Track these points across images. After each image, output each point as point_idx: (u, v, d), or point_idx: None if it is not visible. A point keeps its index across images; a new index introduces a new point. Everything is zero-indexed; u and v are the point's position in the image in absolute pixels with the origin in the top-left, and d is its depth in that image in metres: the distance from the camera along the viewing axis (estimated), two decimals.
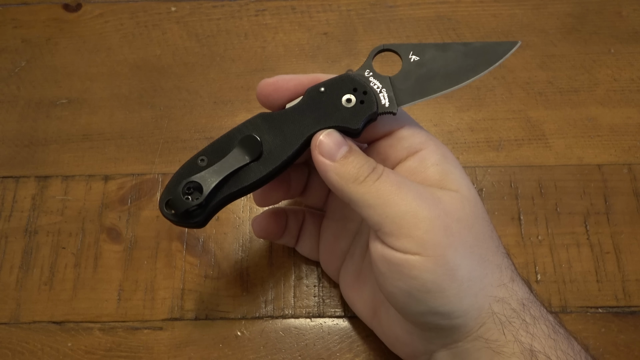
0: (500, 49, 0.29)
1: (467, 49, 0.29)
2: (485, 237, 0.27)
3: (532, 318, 0.26)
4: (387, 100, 0.28)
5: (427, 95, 0.28)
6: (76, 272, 0.38)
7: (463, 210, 0.27)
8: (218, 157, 0.28)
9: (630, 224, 0.39)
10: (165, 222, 0.39)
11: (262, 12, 0.48)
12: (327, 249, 0.35)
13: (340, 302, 0.37)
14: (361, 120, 0.27)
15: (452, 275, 0.25)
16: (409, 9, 0.47)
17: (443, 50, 0.29)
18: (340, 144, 0.27)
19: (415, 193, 0.26)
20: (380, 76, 0.28)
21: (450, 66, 0.29)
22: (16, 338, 0.36)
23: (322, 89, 0.28)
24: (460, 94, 0.44)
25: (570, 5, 0.47)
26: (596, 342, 0.36)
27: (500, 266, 0.27)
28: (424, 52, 0.29)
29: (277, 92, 0.29)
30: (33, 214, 0.40)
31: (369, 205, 0.26)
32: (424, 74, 0.29)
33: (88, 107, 0.44)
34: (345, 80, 0.28)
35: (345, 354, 0.36)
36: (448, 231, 0.25)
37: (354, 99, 0.28)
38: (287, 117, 0.28)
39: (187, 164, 0.28)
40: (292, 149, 0.28)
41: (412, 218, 0.25)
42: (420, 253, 0.25)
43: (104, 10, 0.48)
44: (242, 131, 0.28)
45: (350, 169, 0.27)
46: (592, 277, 0.37)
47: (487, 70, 0.29)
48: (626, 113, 0.43)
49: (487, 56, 0.29)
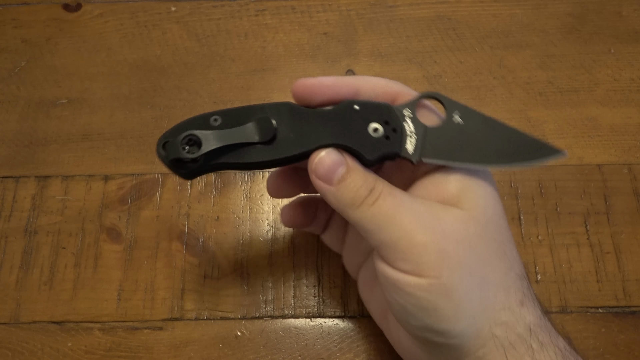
0: (545, 152, 0.27)
1: (512, 136, 0.27)
2: (492, 258, 0.26)
3: (540, 344, 0.25)
4: (412, 148, 0.27)
5: (453, 162, 0.27)
6: (76, 272, 0.38)
7: (466, 231, 0.26)
8: (231, 123, 0.27)
9: (630, 224, 0.39)
10: (165, 222, 0.39)
11: (262, 12, 0.48)
12: (352, 244, 0.35)
13: (340, 302, 0.37)
14: (378, 154, 0.26)
15: (448, 296, 0.25)
16: (409, 9, 0.47)
17: (488, 126, 0.28)
18: (337, 164, 0.26)
19: (413, 215, 0.26)
20: (417, 121, 0.27)
21: (488, 144, 0.27)
22: (16, 338, 0.36)
23: (356, 107, 0.27)
24: (460, 93, 0.44)
25: (570, 5, 0.47)
26: (596, 342, 0.36)
27: (508, 289, 0.26)
28: (470, 118, 0.28)
29: (312, 95, 0.28)
30: (33, 214, 0.40)
31: (365, 230, 0.26)
32: (460, 140, 0.27)
33: (88, 107, 0.44)
34: (382, 109, 0.27)
35: (345, 354, 0.36)
36: (443, 254, 0.25)
37: (381, 131, 0.27)
38: (311, 117, 0.27)
39: (200, 116, 0.27)
40: (301, 150, 0.27)
41: (407, 243, 0.25)
42: (415, 274, 0.25)
43: (104, 10, 0.48)
44: (264, 111, 0.27)
45: (347, 194, 0.26)
46: (592, 277, 0.37)
47: (521, 165, 0.27)
48: (626, 113, 0.43)
49: (529, 153, 0.27)
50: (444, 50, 0.45)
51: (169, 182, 0.41)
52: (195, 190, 0.41)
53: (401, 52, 0.45)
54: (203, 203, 0.40)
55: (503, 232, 0.27)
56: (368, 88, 0.28)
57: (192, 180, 0.41)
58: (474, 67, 0.45)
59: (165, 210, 0.40)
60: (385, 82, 0.29)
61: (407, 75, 0.44)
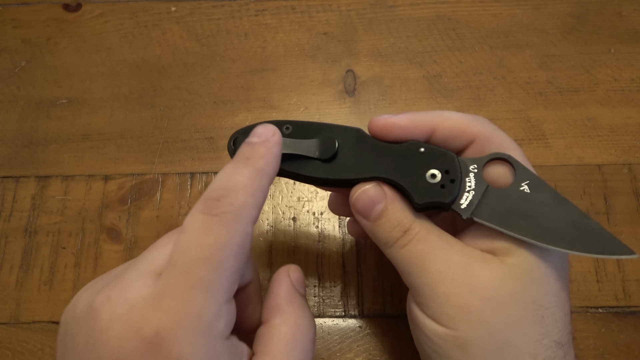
0: (612, 246, 0.25)
1: (581, 221, 0.25)
2: (524, 321, 0.25)
3: None
4: (466, 203, 0.26)
5: (507, 230, 0.25)
6: (76, 272, 0.38)
7: (500, 288, 0.25)
8: (299, 135, 0.28)
9: (630, 224, 0.39)
10: (165, 222, 0.39)
11: (262, 12, 0.48)
12: None
13: (341, 302, 0.37)
14: (427, 200, 0.26)
15: (463, 349, 0.24)
16: (409, 9, 0.47)
17: (557, 203, 0.26)
18: (375, 201, 0.26)
19: (443, 264, 0.25)
20: (480, 179, 0.26)
21: (551, 222, 0.25)
22: (16, 338, 0.36)
23: (422, 150, 0.27)
24: (460, 93, 0.44)
25: (570, 5, 0.47)
26: (596, 342, 0.36)
27: (535, 355, 0.24)
28: (538, 190, 0.26)
29: (386, 136, 0.28)
30: (33, 214, 0.40)
31: (398, 269, 0.27)
32: (521, 209, 0.25)
33: (88, 107, 0.44)
34: (446, 157, 0.27)
35: (345, 354, 0.36)
36: (465, 309, 0.24)
37: (438, 178, 0.26)
38: (374, 148, 0.28)
39: (275, 121, 0.28)
40: (354, 176, 0.27)
41: (431, 291, 0.25)
42: (435, 321, 0.25)
43: (104, 10, 0.48)
44: (333, 131, 0.28)
45: (381, 232, 0.26)
46: (592, 277, 0.37)
47: (581, 253, 0.25)
48: (626, 113, 0.43)
49: (594, 242, 0.25)
50: (444, 50, 0.45)
51: (169, 182, 0.41)
52: (196, 190, 0.41)
53: (401, 52, 0.45)
54: None
55: (548, 296, 0.25)
56: (445, 128, 0.28)
57: (192, 181, 0.41)
58: (474, 67, 0.45)
59: (165, 210, 0.40)
60: (466, 122, 0.28)
61: (407, 75, 0.44)
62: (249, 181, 0.24)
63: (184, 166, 0.41)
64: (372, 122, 0.28)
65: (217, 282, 0.21)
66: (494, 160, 0.27)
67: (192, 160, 0.42)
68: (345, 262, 0.38)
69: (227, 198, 0.23)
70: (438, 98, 0.44)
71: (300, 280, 0.28)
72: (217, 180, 0.24)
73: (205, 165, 0.41)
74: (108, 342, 0.21)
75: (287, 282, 0.27)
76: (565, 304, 0.26)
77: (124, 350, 0.20)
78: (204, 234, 0.22)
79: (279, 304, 0.26)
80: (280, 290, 0.27)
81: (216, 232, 0.22)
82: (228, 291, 0.22)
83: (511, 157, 0.27)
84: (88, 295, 0.23)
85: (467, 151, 0.28)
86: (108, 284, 0.23)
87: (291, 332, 0.25)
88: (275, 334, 0.25)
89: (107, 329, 0.21)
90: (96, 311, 0.21)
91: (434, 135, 0.28)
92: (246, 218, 0.23)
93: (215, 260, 0.21)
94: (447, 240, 0.26)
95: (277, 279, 0.27)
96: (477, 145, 0.28)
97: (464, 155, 0.28)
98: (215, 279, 0.21)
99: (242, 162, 0.24)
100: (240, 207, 0.23)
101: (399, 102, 0.43)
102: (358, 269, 0.38)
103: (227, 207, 0.22)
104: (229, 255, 0.22)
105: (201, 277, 0.21)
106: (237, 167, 0.24)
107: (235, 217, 0.22)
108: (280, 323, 0.25)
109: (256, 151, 0.25)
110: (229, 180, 0.23)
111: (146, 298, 0.21)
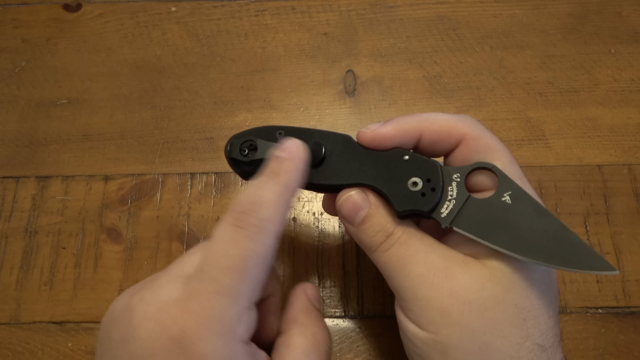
0: (592, 262, 0.24)
1: (561, 234, 0.25)
2: (504, 324, 0.24)
3: None
4: (446, 212, 0.26)
5: (484, 240, 0.25)
6: (76, 272, 0.38)
7: (480, 291, 0.25)
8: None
9: (630, 224, 0.39)
10: (165, 222, 0.40)
11: (262, 12, 0.48)
12: None
13: (341, 302, 0.37)
14: (407, 208, 0.26)
15: (444, 353, 0.25)
16: (409, 9, 0.47)
17: (538, 215, 0.25)
18: (359, 207, 0.27)
19: (423, 268, 0.25)
20: (463, 189, 0.26)
21: (531, 234, 0.25)
22: (16, 338, 0.36)
23: (405, 157, 0.27)
24: (460, 94, 0.44)
25: (570, 5, 0.47)
26: (596, 342, 0.36)
27: (517, 359, 0.24)
28: (520, 201, 0.25)
29: (375, 146, 0.28)
30: (33, 214, 0.40)
31: (382, 273, 0.27)
32: (502, 220, 0.25)
33: (88, 107, 0.44)
34: (429, 166, 0.27)
35: (345, 354, 0.36)
36: (445, 313, 0.24)
37: (420, 186, 0.26)
38: (361, 155, 0.28)
39: (268, 127, 0.30)
40: (339, 182, 0.28)
41: (411, 295, 0.26)
42: (417, 324, 0.26)
43: (104, 10, 0.48)
44: (322, 137, 0.29)
45: (365, 237, 0.27)
46: (592, 278, 0.37)
47: (559, 267, 0.24)
48: (626, 113, 0.43)
49: (573, 257, 0.24)
50: (444, 50, 0.45)
51: (169, 182, 0.41)
52: (196, 190, 0.41)
53: (401, 52, 0.45)
54: (203, 203, 0.40)
55: (530, 299, 0.25)
56: (431, 132, 0.28)
57: (192, 181, 0.41)
58: (474, 68, 0.45)
59: (165, 210, 0.40)
60: (452, 123, 0.28)
61: (407, 75, 0.44)
62: (275, 196, 0.25)
63: (184, 166, 0.41)
64: (359, 134, 0.28)
65: (241, 290, 0.23)
66: (478, 170, 0.27)
67: (192, 160, 0.42)
68: (345, 262, 0.38)
69: (253, 212, 0.24)
70: (438, 98, 0.44)
71: (316, 296, 0.30)
72: (245, 194, 0.25)
73: (205, 165, 0.41)
74: (140, 338, 0.22)
75: (303, 297, 0.29)
76: (550, 306, 0.25)
77: (153, 346, 0.22)
78: (231, 245, 0.24)
79: (296, 316, 0.28)
80: (298, 304, 0.29)
81: (242, 244, 0.24)
82: (250, 299, 0.24)
83: (495, 167, 0.26)
84: (127, 296, 0.25)
85: (455, 152, 0.28)
86: (144, 287, 0.25)
87: (308, 342, 0.26)
88: (292, 343, 0.26)
89: (139, 327, 0.23)
90: (131, 310, 0.23)
91: (421, 140, 0.28)
92: (271, 231, 0.24)
93: (240, 269, 0.23)
94: (429, 244, 0.26)
95: (295, 295, 0.29)
96: (465, 146, 0.28)
97: (453, 156, 0.28)
98: (238, 286, 0.23)
99: (269, 177, 0.26)
100: (266, 221, 0.24)
101: (399, 102, 0.44)
102: (358, 269, 0.38)
103: (253, 221, 0.24)
104: (252, 265, 0.24)
105: (226, 284, 0.23)
106: (265, 181, 0.26)
107: (261, 230, 0.24)
108: (298, 333, 0.27)
109: (283, 167, 0.26)
110: (256, 194, 0.25)
111: (175, 300, 0.23)
